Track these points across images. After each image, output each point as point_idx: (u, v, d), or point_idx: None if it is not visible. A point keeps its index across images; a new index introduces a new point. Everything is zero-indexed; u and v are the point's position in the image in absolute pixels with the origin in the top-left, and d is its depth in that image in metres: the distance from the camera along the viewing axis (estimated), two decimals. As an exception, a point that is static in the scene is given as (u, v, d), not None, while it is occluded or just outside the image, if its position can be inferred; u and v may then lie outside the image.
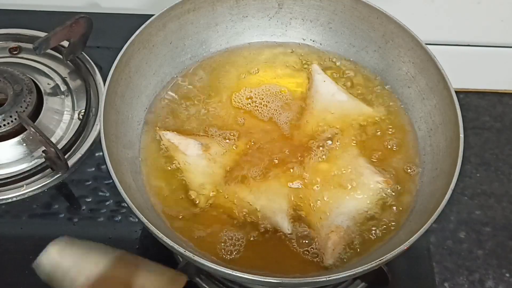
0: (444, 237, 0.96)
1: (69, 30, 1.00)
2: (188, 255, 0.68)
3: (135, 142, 0.84)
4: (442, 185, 0.74)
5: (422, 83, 0.85)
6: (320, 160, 0.82)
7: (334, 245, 0.76)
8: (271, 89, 0.89)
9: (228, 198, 0.79)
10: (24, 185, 0.94)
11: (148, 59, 0.87)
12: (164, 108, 0.88)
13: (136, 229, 0.91)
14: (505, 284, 0.92)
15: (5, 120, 0.95)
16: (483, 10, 1.12)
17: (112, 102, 0.80)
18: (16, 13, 1.15)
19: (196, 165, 0.81)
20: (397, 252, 0.68)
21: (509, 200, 0.99)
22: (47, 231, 0.92)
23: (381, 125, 0.87)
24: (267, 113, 0.87)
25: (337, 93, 0.88)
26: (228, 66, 0.92)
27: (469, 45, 1.16)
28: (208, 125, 0.86)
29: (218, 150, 0.83)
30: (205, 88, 0.90)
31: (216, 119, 0.87)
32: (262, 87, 0.90)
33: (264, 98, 0.88)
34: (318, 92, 0.88)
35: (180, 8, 0.88)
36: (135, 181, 0.79)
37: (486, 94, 1.11)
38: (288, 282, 0.69)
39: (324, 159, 0.83)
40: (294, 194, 0.80)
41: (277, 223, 0.77)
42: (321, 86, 0.88)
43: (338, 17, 0.92)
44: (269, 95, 0.89)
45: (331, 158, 0.83)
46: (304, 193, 0.80)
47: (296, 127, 0.86)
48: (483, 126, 1.07)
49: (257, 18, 0.94)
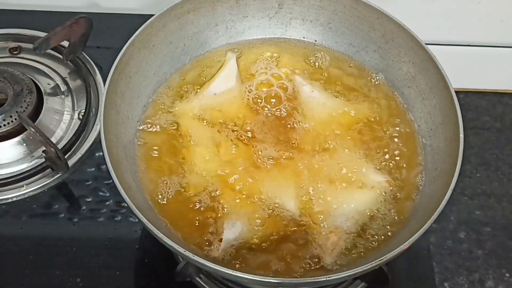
0: (444, 237, 0.96)
1: (69, 30, 1.00)
2: (188, 255, 0.68)
3: (135, 142, 0.84)
4: (442, 185, 0.74)
5: (422, 83, 0.85)
6: (320, 160, 0.82)
7: (333, 245, 0.76)
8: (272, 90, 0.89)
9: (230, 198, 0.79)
10: (24, 185, 0.94)
11: (148, 59, 0.87)
12: (163, 108, 0.88)
13: (136, 229, 0.91)
14: (505, 284, 0.92)
15: (5, 120, 0.96)
16: (483, 10, 1.12)
17: (112, 102, 0.80)
18: (16, 13, 1.15)
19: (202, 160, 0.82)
20: (397, 252, 0.68)
21: (509, 200, 0.99)
22: (47, 231, 0.92)
23: (381, 125, 0.87)
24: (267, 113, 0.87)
25: (328, 100, 0.88)
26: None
27: (469, 45, 1.16)
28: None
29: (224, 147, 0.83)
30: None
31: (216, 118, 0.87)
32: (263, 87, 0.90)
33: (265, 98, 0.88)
34: (308, 102, 0.88)
35: (180, 8, 0.88)
36: (135, 181, 0.79)
37: (486, 94, 1.11)
38: (288, 282, 0.70)
39: (324, 160, 0.82)
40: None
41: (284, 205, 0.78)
42: (310, 97, 0.88)
43: (338, 17, 0.92)
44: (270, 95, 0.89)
45: (331, 159, 0.83)
46: (304, 194, 0.80)
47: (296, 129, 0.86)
48: (483, 126, 1.07)
49: (257, 18, 0.94)
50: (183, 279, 0.81)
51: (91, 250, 0.90)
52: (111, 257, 0.89)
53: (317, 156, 0.83)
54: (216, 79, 0.89)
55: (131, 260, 0.90)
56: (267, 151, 0.83)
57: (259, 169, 0.81)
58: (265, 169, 0.81)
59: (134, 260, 0.90)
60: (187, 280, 0.83)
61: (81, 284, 0.87)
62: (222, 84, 0.89)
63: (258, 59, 0.93)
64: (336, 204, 0.79)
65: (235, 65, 0.90)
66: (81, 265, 0.88)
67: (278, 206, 0.79)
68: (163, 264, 0.88)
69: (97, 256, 0.89)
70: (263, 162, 0.82)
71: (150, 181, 0.81)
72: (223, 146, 0.83)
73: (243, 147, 0.84)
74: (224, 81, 0.89)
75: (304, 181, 0.81)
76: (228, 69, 0.90)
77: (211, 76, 0.90)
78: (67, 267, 0.88)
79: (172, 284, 0.85)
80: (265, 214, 0.78)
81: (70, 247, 0.90)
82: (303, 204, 0.79)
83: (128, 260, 0.90)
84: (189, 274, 0.81)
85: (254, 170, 0.81)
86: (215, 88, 0.88)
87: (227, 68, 0.90)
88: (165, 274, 0.87)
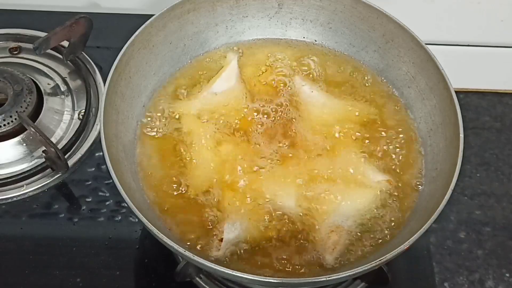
0: (444, 237, 0.96)
1: (69, 30, 1.00)
2: (188, 255, 0.68)
3: (135, 142, 0.84)
4: (442, 185, 0.74)
5: (422, 83, 0.86)
6: (320, 160, 0.82)
7: (334, 245, 0.76)
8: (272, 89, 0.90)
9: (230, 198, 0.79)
10: (24, 185, 0.94)
11: (148, 59, 0.87)
12: (163, 108, 0.88)
13: (136, 229, 0.91)
14: (505, 284, 0.92)
15: (5, 120, 0.96)
16: (483, 10, 1.12)
17: (112, 102, 0.80)
18: (16, 13, 1.15)
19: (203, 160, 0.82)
20: (397, 252, 0.68)
21: (509, 200, 0.99)
22: (47, 231, 0.92)
23: (380, 125, 0.87)
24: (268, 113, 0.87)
25: (328, 100, 0.88)
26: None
27: (469, 45, 1.16)
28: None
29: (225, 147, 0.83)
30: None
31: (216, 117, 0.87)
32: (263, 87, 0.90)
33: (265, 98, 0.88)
34: (308, 103, 0.88)
35: (180, 8, 0.88)
36: (135, 181, 0.79)
37: (486, 94, 1.11)
38: (288, 282, 0.70)
39: (324, 160, 0.83)
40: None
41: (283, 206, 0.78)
42: (310, 97, 0.88)
43: (338, 17, 0.92)
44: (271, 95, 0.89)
45: (331, 159, 0.83)
46: (304, 193, 0.80)
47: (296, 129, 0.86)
48: (483, 126, 1.07)
49: (257, 18, 0.94)
50: (183, 279, 0.81)
51: (91, 250, 0.90)
52: (111, 257, 0.89)
53: (317, 155, 0.83)
54: (217, 79, 0.89)
55: (131, 260, 0.90)
56: (268, 151, 0.83)
57: (259, 169, 0.81)
58: (266, 169, 0.81)
59: (134, 260, 0.90)
60: (187, 280, 0.83)
61: (81, 284, 0.87)
62: (223, 84, 0.89)
63: (259, 59, 0.93)
64: (336, 204, 0.79)
65: (236, 65, 0.90)
66: (81, 265, 0.88)
67: (279, 206, 0.79)
68: (163, 264, 0.88)
69: (97, 256, 0.89)
70: (263, 162, 0.82)
71: (150, 181, 0.81)
72: (223, 145, 0.83)
73: (243, 147, 0.84)
74: (225, 81, 0.89)
75: (305, 180, 0.81)
76: (229, 69, 0.90)
77: (211, 76, 0.90)
78: (67, 267, 0.88)
79: (172, 284, 0.85)
80: (265, 214, 0.78)
81: (70, 247, 0.90)
82: (303, 204, 0.79)
83: (128, 260, 0.90)
84: (189, 274, 0.81)
85: (254, 170, 0.81)
86: (216, 88, 0.88)
87: (228, 69, 0.90)
88: (165, 274, 0.87)
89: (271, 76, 0.91)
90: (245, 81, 0.90)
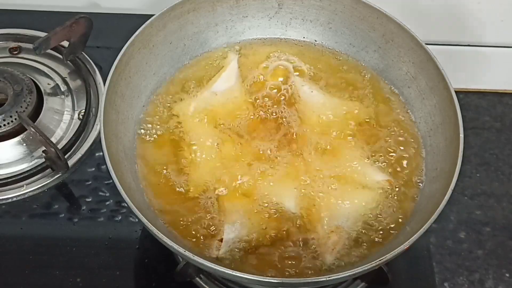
0: (444, 237, 0.96)
1: (69, 30, 1.00)
2: (188, 255, 0.68)
3: (135, 142, 0.84)
4: (442, 185, 0.74)
5: (422, 83, 0.86)
6: (320, 160, 0.82)
7: (334, 245, 0.76)
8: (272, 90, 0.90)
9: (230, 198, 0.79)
10: (24, 185, 0.94)
11: (148, 59, 0.87)
12: (163, 108, 0.88)
13: (136, 229, 0.91)
14: (505, 284, 0.92)
15: (5, 120, 0.96)
16: (483, 10, 1.12)
17: (112, 102, 0.80)
18: (16, 13, 1.15)
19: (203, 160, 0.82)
20: (397, 252, 0.68)
21: (509, 200, 0.99)
22: (47, 231, 0.92)
23: (380, 125, 0.87)
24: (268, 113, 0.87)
25: (328, 100, 0.88)
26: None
27: (469, 45, 1.16)
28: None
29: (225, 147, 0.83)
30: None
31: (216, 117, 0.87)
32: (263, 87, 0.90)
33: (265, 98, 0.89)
34: (308, 103, 0.88)
35: (180, 8, 0.88)
36: (135, 181, 0.79)
37: (486, 94, 1.11)
38: (288, 282, 0.70)
39: (324, 160, 0.83)
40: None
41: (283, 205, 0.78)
42: (310, 97, 0.88)
43: (338, 17, 0.92)
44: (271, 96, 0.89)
45: (331, 159, 0.83)
46: (304, 193, 0.80)
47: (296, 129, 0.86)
48: (483, 126, 1.07)
49: (257, 18, 0.94)
50: (183, 279, 0.81)
51: (91, 250, 0.90)
52: (111, 257, 0.89)
53: (317, 156, 0.83)
54: (217, 79, 0.89)
55: (131, 260, 0.90)
56: (268, 151, 0.83)
57: (259, 169, 0.81)
58: (266, 169, 0.81)
59: (134, 260, 0.90)
60: (187, 280, 0.83)
61: (81, 284, 0.87)
62: (223, 84, 0.89)
63: (259, 59, 0.93)
64: (336, 204, 0.79)
65: (236, 65, 0.90)
66: (81, 265, 0.88)
67: (279, 206, 0.79)
68: (163, 264, 0.88)
69: (97, 256, 0.89)
70: (263, 162, 0.82)
71: (150, 181, 0.81)
72: (223, 145, 0.83)
73: (243, 147, 0.84)
74: (225, 81, 0.89)
75: (305, 180, 0.81)
76: (229, 69, 0.90)
77: (211, 76, 0.91)
78: (67, 267, 0.88)
79: (172, 284, 0.85)
80: (265, 214, 0.78)
81: (70, 247, 0.90)
82: (303, 204, 0.79)
83: (128, 260, 0.90)
84: (189, 274, 0.81)
85: (254, 170, 0.81)
86: (216, 88, 0.88)
87: (228, 69, 0.90)
88: (165, 274, 0.87)
89: (270, 76, 0.91)
90: (244, 81, 0.90)
